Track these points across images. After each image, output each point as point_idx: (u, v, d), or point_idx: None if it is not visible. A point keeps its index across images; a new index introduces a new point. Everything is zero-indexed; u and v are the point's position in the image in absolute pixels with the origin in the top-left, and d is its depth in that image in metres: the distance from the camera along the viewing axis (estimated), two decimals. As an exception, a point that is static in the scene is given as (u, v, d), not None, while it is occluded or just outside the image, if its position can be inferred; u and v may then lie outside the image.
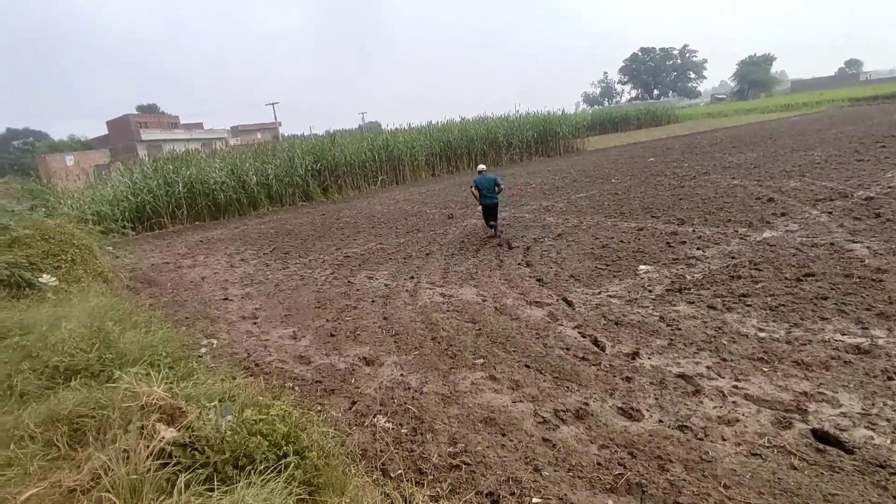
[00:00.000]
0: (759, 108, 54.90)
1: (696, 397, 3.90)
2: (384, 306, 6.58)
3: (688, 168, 16.39)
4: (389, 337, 5.56)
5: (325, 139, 23.42)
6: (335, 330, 5.93)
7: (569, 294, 6.26)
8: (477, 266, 8.00)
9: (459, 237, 10.23)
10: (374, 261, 9.09)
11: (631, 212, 10.68)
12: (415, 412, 4.05)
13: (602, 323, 5.32)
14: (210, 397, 3.26)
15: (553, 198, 13.81)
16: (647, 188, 13.43)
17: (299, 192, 19.40)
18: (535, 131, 28.50)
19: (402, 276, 7.86)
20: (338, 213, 15.64)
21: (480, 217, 11.57)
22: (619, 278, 6.65)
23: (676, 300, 5.69)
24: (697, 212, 9.87)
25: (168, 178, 16.87)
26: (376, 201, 17.73)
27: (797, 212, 8.96)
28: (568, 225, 10.15)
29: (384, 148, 22.55)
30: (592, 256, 7.77)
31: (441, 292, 6.89)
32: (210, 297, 7.93)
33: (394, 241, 10.63)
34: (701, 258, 7.05)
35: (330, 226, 13.47)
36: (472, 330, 5.50)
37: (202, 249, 12.18)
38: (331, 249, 10.47)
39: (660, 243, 8.01)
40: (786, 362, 4.22)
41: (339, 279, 8.11)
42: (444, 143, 25.01)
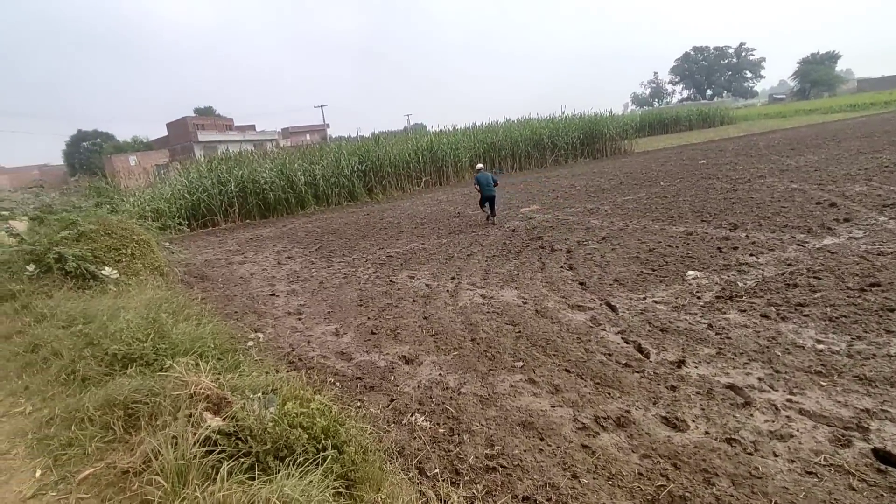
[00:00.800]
0: (821, 109, 52.05)
1: (745, 410, 3.72)
2: (425, 306, 6.61)
3: (742, 171, 15.72)
4: (429, 336, 5.58)
5: (370, 140, 23.81)
6: (376, 328, 6.00)
7: (612, 299, 6.11)
8: (518, 268, 7.92)
9: (501, 239, 10.17)
10: (415, 261, 9.15)
11: (680, 216, 10.34)
12: (452, 412, 4.04)
13: (647, 329, 5.17)
14: (254, 389, 3.36)
15: (598, 200, 13.53)
16: (698, 191, 12.96)
17: (345, 193, 19.78)
18: (581, 133, 28.04)
19: (443, 277, 7.87)
20: (381, 214, 15.84)
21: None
22: (666, 284, 6.44)
23: (727, 308, 5.46)
24: (751, 216, 9.45)
25: (221, 177, 17.55)
26: (419, 202, 17.85)
27: (862, 218, 8.44)
28: (613, 228, 9.92)
29: (428, 149, 22.71)
30: (638, 261, 7.56)
31: (482, 293, 6.87)
32: (258, 292, 8.18)
33: (435, 241, 10.67)
34: (754, 265, 6.74)
35: (373, 226, 13.65)
36: (511, 332, 5.45)
37: (252, 247, 12.59)
38: (374, 249, 10.61)
39: (710, 248, 7.71)
40: (846, 377, 3.98)
41: (382, 278, 8.21)
42: (487, 145, 24.98)
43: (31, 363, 4.44)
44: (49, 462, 3.06)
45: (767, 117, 51.77)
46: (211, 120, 69.61)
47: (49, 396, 3.83)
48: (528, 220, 11.96)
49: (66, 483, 2.89)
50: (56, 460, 3.07)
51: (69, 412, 3.48)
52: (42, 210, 8.85)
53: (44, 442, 3.26)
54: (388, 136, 29.33)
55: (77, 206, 9.30)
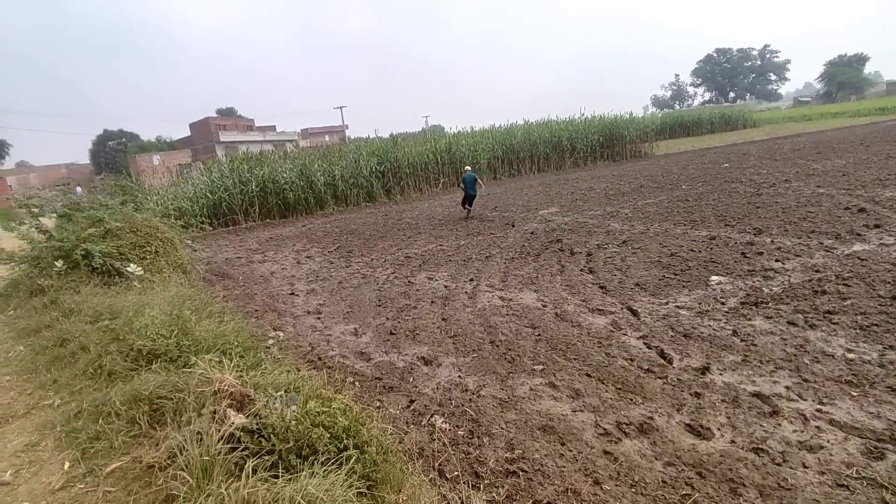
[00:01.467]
0: (848, 112, 50.89)
1: (773, 419, 3.64)
2: (443, 307, 6.60)
3: (766, 175, 15.43)
4: (448, 338, 5.57)
5: (388, 141, 23.93)
6: (395, 328, 6.01)
7: (633, 303, 6.03)
8: (538, 271, 7.87)
9: (520, 241, 10.12)
10: (434, 262, 9.15)
11: (702, 220, 10.18)
12: (472, 415, 4.02)
13: (669, 334, 5.09)
14: (276, 387, 3.38)
15: (618, 203, 13.40)
16: (721, 195, 12.75)
17: (363, 193, 19.88)
18: (601, 135, 27.83)
19: (462, 279, 7.86)
20: (400, 214, 15.88)
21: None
22: (689, 289, 6.33)
23: (752, 314, 5.35)
24: (776, 221, 9.26)
25: (243, 177, 17.78)
26: (437, 203, 17.86)
27: (893, 224, 8.21)
28: (633, 232, 9.81)
29: (446, 151, 22.74)
30: (660, 265, 7.46)
31: (500, 296, 6.84)
32: (278, 291, 8.25)
33: (454, 243, 10.66)
34: (780, 270, 6.60)
35: (392, 226, 13.69)
36: (531, 335, 5.41)
37: (272, 246, 12.72)
38: (392, 249, 10.64)
39: (734, 253, 7.58)
40: (878, 387, 3.86)
41: (400, 279, 8.22)
42: (506, 147, 24.92)
43: (59, 357, 4.53)
44: (77, 455, 3.12)
45: (792, 120, 50.80)
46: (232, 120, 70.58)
47: (77, 390, 3.90)
48: (546, 222, 11.89)
49: (94, 476, 2.94)
50: (84, 453, 3.13)
51: (96, 406, 3.54)
52: (70, 207, 9.05)
53: (72, 435, 3.32)
54: (407, 137, 29.42)
55: (104, 204, 9.48)
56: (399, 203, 19.35)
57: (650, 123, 31.93)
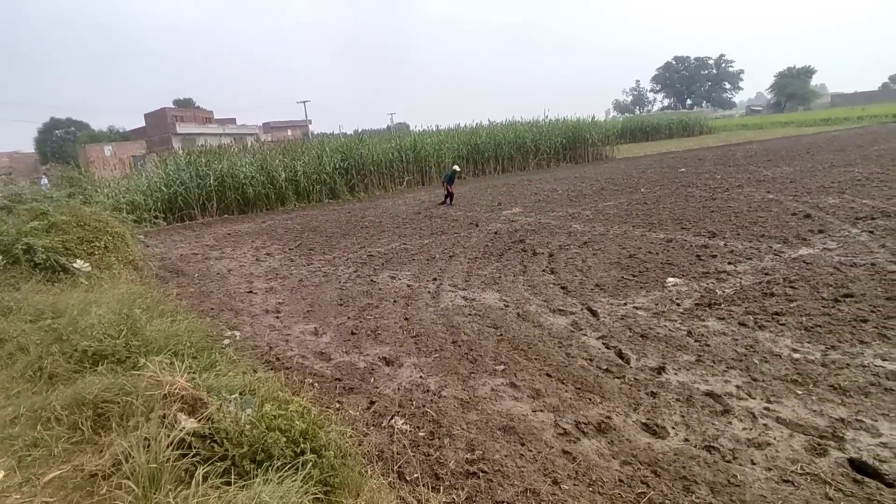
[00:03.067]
0: (796, 122, 53.39)
1: (724, 417, 3.76)
2: (406, 307, 6.56)
3: (720, 180, 16.01)
4: (410, 338, 5.53)
5: (353, 138, 23.64)
6: (356, 328, 5.93)
7: (593, 303, 6.14)
8: (500, 271, 7.92)
9: (484, 241, 10.17)
10: (397, 261, 9.09)
11: (660, 222, 10.47)
12: (433, 416, 4.00)
13: (627, 335, 5.20)
14: (231, 389, 3.28)
15: (580, 205, 13.64)
16: (678, 199, 13.16)
17: (326, 190, 19.58)
18: (564, 137, 28.24)
19: (425, 278, 7.83)
20: (363, 212, 15.73)
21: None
22: (647, 290, 6.50)
23: (706, 315, 5.53)
24: (730, 225, 9.62)
25: (200, 171, 17.21)
26: (401, 201, 17.77)
27: (836, 229, 8.64)
28: (594, 233, 10.00)
29: (411, 149, 22.62)
30: (619, 266, 7.62)
31: (463, 295, 6.84)
32: (235, 289, 8.03)
33: (417, 242, 10.62)
34: (732, 273, 6.85)
35: (355, 224, 13.55)
36: (493, 335, 5.44)
37: (229, 242, 12.37)
38: (355, 248, 10.52)
39: (689, 256, 7.82)
40: (821, 386, 4.05)
41: (362, 277, 8.13)
42: (471, 147, 24.98)
43: (-6, 359, 4.26)
44: (13, 463, 2.93)
45: (745, 128, 52.89)
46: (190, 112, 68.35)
47: (14, 394, 3.67)
48: (510, 222, 11.99)
49: (31, 485, 2.77)
50: (20, 461, 2.94)
51: (35, 411, 3.34)
52: (11, 199, 8.55)
53: (7, 442, 3.12)
54: (372, 134, 29.15)
55: (48, 196, 9.00)
56: (363, 201, 19.16)
57: (612, 127, 32.62)
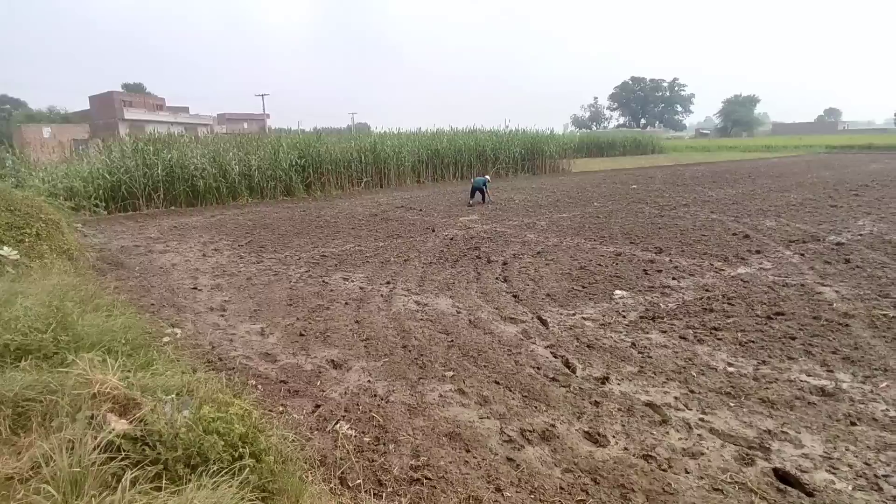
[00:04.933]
0: (740, 147, 56.36)
1: (662, 427, 3.90)
2: (357, 310, 6.49)
3: (668, 198, 16.68)
4: (360, 341, 5.47)
5: (311, 135, 23.25)
6: (305, 329, 5.81)
7: (544, 313, 6.26)
8: (454, 277, 7.96)
9: (439, 246, 10.19)
10: (350, 262, 8.98)
11: (611, 236, 10.80)
12: (379, 421, 3.96)
13: (575, 345, 5.32)
14: (168, 390, 3.14)
15: (535, 215, 13.90)
16: (628, 214, 13.61)
17: (281, 187, 19.17)
18: (523, 148, 28.72)
19: (378, 281, 7.77)
20: (318, 211, 15.48)
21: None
22: (595, 301, 6.68)
23: (649, 328, 5.72)
24: (675, 242, 10.02)
25: (148, 159, 16.46)
26: (358, 202, 17.61)
27: (771, 250, 9.16)
28: (548, 244, 10.20)
29: (371, 150, 22.45)
30: (570, 277, 7.80)
31: (416, 300, 6.83)
32: (179, 285, 7.72)
33: (373, 244, 10.54)
34: (676, 288, 7.14)
35: (309, 223, 13.32)
36: (444, 341, 5.45)
37: (175, 235, 11.91)
38: (308, 247, 10.33)
39: (637, 270, 8.09)
40: (752, 399, 4.27)
41: (314, 278, 7.99)
42: (431, 151, 25.03)
43: None
44: (-85, 465, 2.69)
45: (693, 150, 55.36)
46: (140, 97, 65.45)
47: (-79, 389, 3.38)
48: (466, 229, 12.08)
49: (-65, 490, 2.55)
50: (-76, 463, 2.71)
51: (-55, 408, 3.09)
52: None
53: (-90, 442, 2.87)
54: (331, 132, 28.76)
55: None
56: (318, 200, 18.87)
57: (569, 141, 33.43)
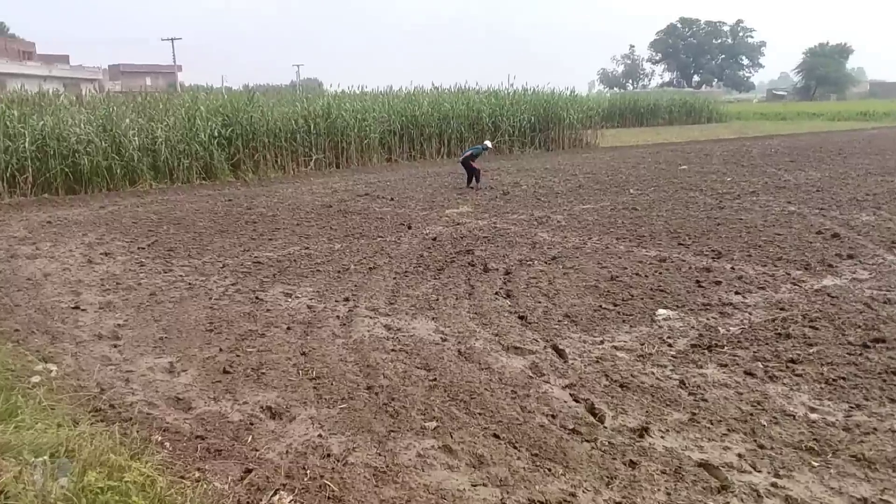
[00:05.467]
0: (827, 114, 57.40)
1: (721, 496, 3.95)
2: (304, 337, 6.48)
3: (731, 184, 16.92)
4: (307, 381, 5.47)
5: (240, 96, 23.21)
6: (231, 364, 5.79)
7: (561, 340, 6.30)
8: (438, 291, 7.99)
9: (417, 249, 10.22)
10: (295, 271, 8.98)
11: (652, 235, 10.92)
12: (334, 491, 3.96)
13: (603, 384, 5.36)
14: (38, 449, 3.12)
15: (549, 207, 13.99)
16: (676, 206, 13.78)
17: (199, 167, 19.12)
18: (534, 115, 28.96)
19: (333, 297, 7.78)
20: (251, 200, 15.45)
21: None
22: (631, 324, 6.74)
23: (704, 360, 5.79)
24: (739, 243, 10.17)
25: (11, 128, 16.28)
26: (306, 189, 17.59)
27: (868, 255, 9.33)
28: (567, 246, 10.29)
29: (324, 116, 22.48)
30: (597, 291, 7.87)
31: (385, 323, 6.84)
32: (54, 303, 7.66)
33: (326, 246, 10.54)
34: (740, 306, 7.24)
35: (238, 217, 13.28)
36: (424, 380, 5.46)
37: (49, 234, 11.80)
38: (236, 250, 10.30)
39: (688, 281, 8.19)
40: (842, 456, 4.34)
41: (244, 293, 7.97)
42: (407, 118, 25.13)
43: None
44: None
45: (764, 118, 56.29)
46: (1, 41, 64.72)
47: None
48: (455, 225, 12.13)
49: None
50: None
51: None
52: None
53: None
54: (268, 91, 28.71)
55: None
56: (251, 185, 18.81)
57: (596, 105, 33.88)
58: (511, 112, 28.07)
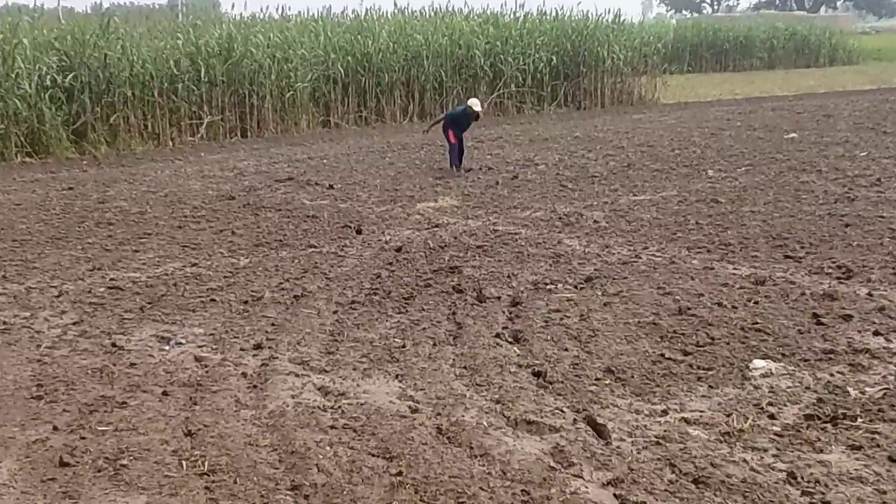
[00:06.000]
0: None
1: None
2: (190, 407, 6.44)
3: (865, 162, 17.07)
4: (195, 477, 5.42)
5: (89, 22, 23.09)
6: (72, 452, 5.72)
7: (600, 410, 6.30)
8: (406, 332, 7.98)
9: (373, 266, 10.20)
10: (176, 302, 8.96)
11: (743, 242, 11.00)
12: None
13: (666, 479, 5.36)
14: None
15: (581, 198, 14.08)
16: (781, 197, 13.89)
17: (20, 135, 19.02)
18: (556, 53, 29.10)
19: (238, 343, 7.75)
20: (104, 190, 15.45)
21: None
22: (710, 384, 6.75)
23: (826, 440, 5.80)
24: (880, 255, 10.26)
25: None
26: (195, 170, 17.56)
27: None
28: (609, 259, 10.34)
29: (222, 56, 22.46)
30: (656, 332, 7.89)
31: (321, 384, 6.81)
32: None
33: (225, 261, 10.52)
34: (881, 354, 7.28)
35: (84, 216, 13.28)
36: (382, 474, 5.42)
37: None
38: (81, 269, 10.26)
39: (800, 316, 8.23)
40: None
41: (94, 338, 7.92)
42: (356, 59, 25.16)
43: None
44: None
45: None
46: None
47: None
48: (431, 227, 12.14)
49: None
50: None
51: None
52: None
53: None
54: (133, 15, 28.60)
55: None
56: (105, 164, 18.76)
57: (655, 38, 34.00)
58: (520, 49, 28.23)
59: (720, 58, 47.83)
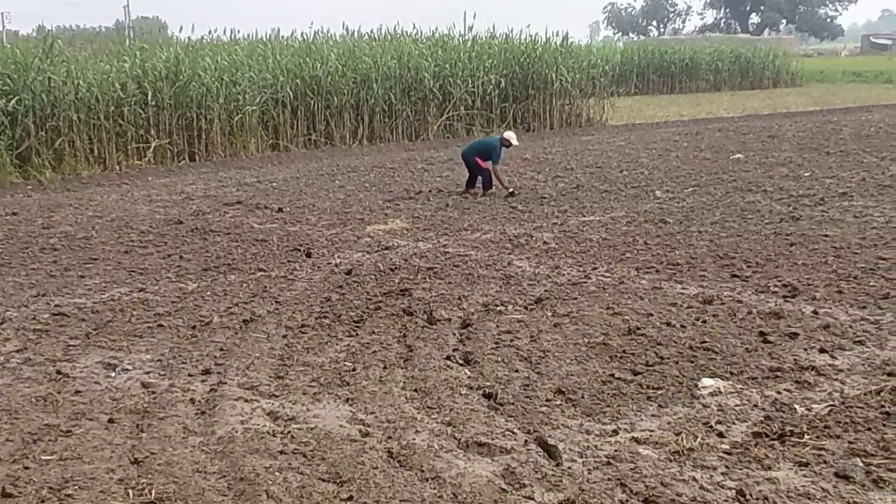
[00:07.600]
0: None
1: None
2: (137, 435, 6.36)
3: (810, 181, 17.35)
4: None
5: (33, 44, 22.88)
6: (15, 483, 5.63)
7: (550, 431, 6.32)
8: (356, 356, 7.96)
9: (322, 290, 10.17)
10: (122, 328, 8.86)
11: (690, 262, 11.13)
12: None
13: (617, 499, 5.37)
14: None
15: (531, 219, 14.16)
16: (728, 217, 14.08)
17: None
18: (504, 75, 29.30)
19: (186, 369, 7.69)
20: (49, 215, 15.27)
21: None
22: (660, 403, 6.80)
23: (774, 457, 5.86)
24: (824, 273, 10.41)
25: None
26: (142, 194, 17.41)
27: None
28: (559, 281, 10.40)
29: (169, 78, 22.34)
30: (606, 352, 7.94)
31: (270, 409, 6.78)
32: None
33: (173, 286, 10.44)
34: (827, 371, 7.38)
35: (28, 241, 13.12)
36: (332, 499, 5.39)
37: None
38: (24, 295, 10.14)
39: (747, 334, 8.33)
40: None
41: (37, 365, 7.82)
42: (305, 81, 25.15)
43: None
44: None
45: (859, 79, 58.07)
46: None
47: None
48: (382, 250, 12.13)
49: None
50: None
51: None
52: None
53: None
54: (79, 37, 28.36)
55: None
56: (50, 188, 18.56)
57: (602, 60, 34.33)
58: (469, 71, 28.37)
59: (667, 80, 48.55)
